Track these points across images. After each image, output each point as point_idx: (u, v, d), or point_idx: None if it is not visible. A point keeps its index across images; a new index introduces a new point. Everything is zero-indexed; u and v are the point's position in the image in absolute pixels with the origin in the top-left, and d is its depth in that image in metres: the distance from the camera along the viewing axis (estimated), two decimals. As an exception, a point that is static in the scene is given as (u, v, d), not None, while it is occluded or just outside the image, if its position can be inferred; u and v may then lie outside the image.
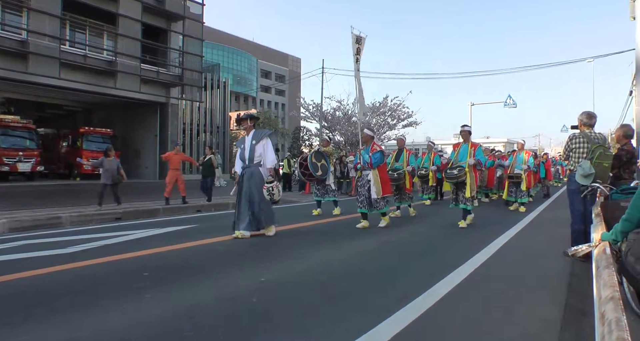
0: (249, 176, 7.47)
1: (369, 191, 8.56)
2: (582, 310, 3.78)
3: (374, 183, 8.51)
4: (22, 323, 3.39)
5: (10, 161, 20.26)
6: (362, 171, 8.90)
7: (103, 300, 3.97)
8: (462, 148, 9.11)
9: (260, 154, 7.53)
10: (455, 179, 8.76)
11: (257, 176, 7.45)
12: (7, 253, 6.05)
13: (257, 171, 7.49)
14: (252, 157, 7.51)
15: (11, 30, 18.15)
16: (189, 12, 24.11)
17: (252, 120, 7.89)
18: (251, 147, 7.54)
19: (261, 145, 7.55)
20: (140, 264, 5.44)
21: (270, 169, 7.60)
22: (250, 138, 7.61)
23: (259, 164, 7.54)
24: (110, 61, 20.82)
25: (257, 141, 7.55)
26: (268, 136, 7.70)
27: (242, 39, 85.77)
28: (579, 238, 5.82)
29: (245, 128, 7.83)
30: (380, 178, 8.60)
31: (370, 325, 3.35)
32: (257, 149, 7.51)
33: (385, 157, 9.14)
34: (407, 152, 11.05)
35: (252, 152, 7.52)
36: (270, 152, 7.63)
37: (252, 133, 7.68)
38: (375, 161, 8.57)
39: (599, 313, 1.47)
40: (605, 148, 5.75)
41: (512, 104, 33.89)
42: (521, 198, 12.48)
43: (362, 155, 8.85)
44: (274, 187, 7.31)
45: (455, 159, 9.11)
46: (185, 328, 3.29)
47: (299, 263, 5.66)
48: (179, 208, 11.54)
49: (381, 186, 8.56)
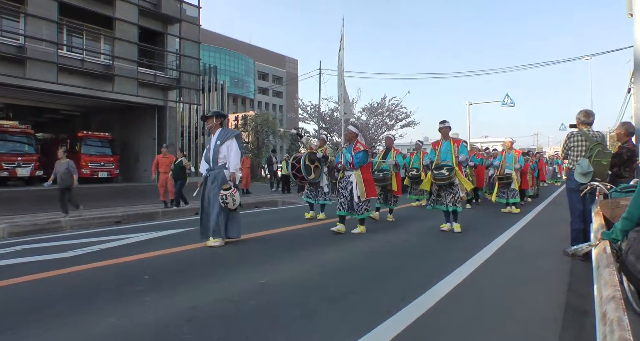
0: (212, 179, 6.96)
1: (351, 193, 8.02)
2: (583, 309, 3.78)
3: (356, 184, 7.97)
4: (22, 327, 3.38)
5: (10, 166, 20.24)
6: (344, 171, 8.33)
7: (103, 304, 3.96)
8: (444, 146, 8.43)
9: (224, 156, 7.01)
10: (447, 180, 8.00)
11: (221, 180, 6.92)
12: (8, 257, 6.05)
13: (221, 174, 6.96)
14: (215, 158, 7.00)
15: (8, 35, 18.13)
16: (185, 15, 24.12)
17: (219, 118, 7.27)
18: (215, 148, 7.00)
19: (225, 146, 7.00)
20: (140, 267, 5.43)
21: (232, 174, 6.98)
22: (216, 138, 7.06)
23: (224, 167, 7.02)
24: (108, 65, 20.81)
25: (221, 141, 7.00)
26: (234, 137, 7.12)
27: (239, 41, 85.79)
28: (578, 237, 5.83)
29: (211, 127, 7.23)
30: (364, 180, 8.04)
31: (371, 326, 3.35)
32: (221, 151, 6.99)
33: (369, 157, 8.53)
34: (394, 152, 10.26)
35: (216, 153, 6.99)
36: (235, 155, 7.03)
37: (217, 133, 7.12)
38: (358, 161, 7.98)
39: (600, 312, 1.47)
40: (604, 146, 5.76)
41: (510, 103, 33.84)
42: (513, 198, 11.75)
43: (344, 154, 8.28)
44: (228, 195, 6.68)
45: (437, 158, 8.41)
46: (185, 331, 3.29)
47: (298, 264, 5.66)
48: (178, 210, 11.53)
49: (365, 188, 8.00)
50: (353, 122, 9.96)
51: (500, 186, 11.99)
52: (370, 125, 29.79)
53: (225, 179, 6.90)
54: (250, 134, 49.99)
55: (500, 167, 12.07)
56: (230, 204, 6.71)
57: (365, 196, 7.96)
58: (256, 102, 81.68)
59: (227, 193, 6.67)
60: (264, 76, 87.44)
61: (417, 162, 13.47)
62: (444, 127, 8.51)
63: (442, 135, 8.54)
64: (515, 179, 11.75)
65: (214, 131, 7.17)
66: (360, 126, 29.48)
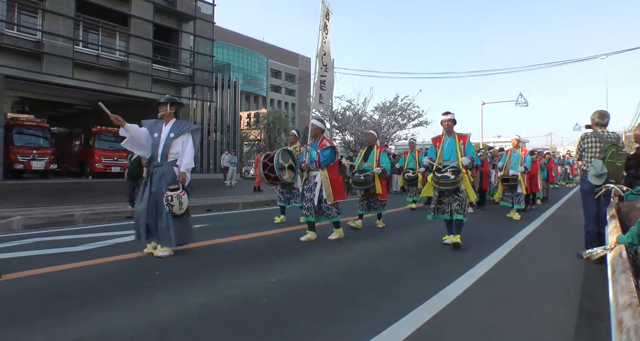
0: (159, 175, 5.99)
1: (318, 195, 7.20)
2: (597, 314, 3.73)
3: (323, 186, 7.15)
4: (35, 320, 3.41)
5: (25, 159, 20.51)
6: (309, 171, 7.43)
7: (115, 299, 3.99)
8: (447, 143, 7.03)
9: (177, 152, 6.08)
10: (453, 185, 6.65)
11: (170, 178, 5.98)
12: (21, 250, 6.10)
13: (171, 171, 6.03)
14: (166, 153, 6.02)
15: (26, 31, 18.34)
16: (199, 12, 24.22)
17: (174, 106, 6.31)
18: (167, 141, 6.04)
19: (180, 141, 6.09)
20: (152, 263, 5.47)
21: (183, 174, 6.06)
22: (169, 129, 6.09)
23: (174, 164, 6.09)
24: (123, 61, 20.98)
25: (176, 134, 6.07)
26: (191, 132, 6.20)
27: (253, 38, 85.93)
28: (592, 240, 5.77)
29: (164, 115, 6.23)
30: (330, 180, 7.18)
31: (382, 327, 3.34)
32: (174, 145, 6.05)
33: (337, 155, 7.53)
34: (377, 150, 8.88)
35: (168, 147, 6.03)
36: (189, 153, 6.12)
37: (171, 123, 6.15)
38: (325, 159, 7.11)
39: (616, 319, 1.45)
40: (619, 147, 5.69)
41: (524, 103, 33.60)
42: (518, 203, 10.66)
43: (309, 152, 7.40)
44: (174, 197, 5.74)
45: (439, 157, 7.05)
46: (196, 328, 3.30)
47: (309, 263, 5.66)
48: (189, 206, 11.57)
49: (332, 190, 7.16)
50: (318, 116, 8.50)
51: (505, 189, 11.04)
52: (382, 124, 29.70)
53: (175, 178, 6.00)
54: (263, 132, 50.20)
55: (505, 168, 10.97)
56: (176, 207, 5.79)
57: (333, 199, 7.16)
58: (269, 100, 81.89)
59: (173, 194, 5.75)
60: (277, 73, 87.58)
61: (413, 162, 12.64)
62: (446, 119, 7.05)
63: (445, 129, 7.12)
64: (521, 181, 10.67)
65: (167, 121, 6.20)
66: (373, 125, 29.45)
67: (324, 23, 8.71)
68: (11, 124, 20.69)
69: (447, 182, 6.65)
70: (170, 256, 5.79)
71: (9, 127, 20.20)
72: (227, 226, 8.69)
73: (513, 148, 11.12)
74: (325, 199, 7.14)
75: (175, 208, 5.77)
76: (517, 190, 10.70)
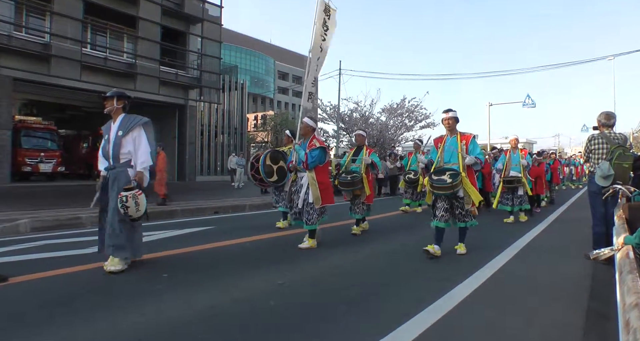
0: (112, 180, 5.29)
1: (302, 198, 6.78)
2: (605, 315, 3.71)
3: (310, 189, 6.68)
4: (43, 322, 3.44)
5: (32, 161, 20.62)
6: (297, 172, 7.01)
7: (122, 301, 4.01)
8: (449, 143, 6.44)
9: (129, 151, 5.34)
10: (449, 189, 6.02)
11: (124, 182, 5.24)
12: (29, 252, 6.14)
13: (124, 174, 5.30)
14: (117, 154, 5.30)
15: (34, 33, 18.46)
16: (207, 14, 24.27)
17: (121, 100, 5.53)
18: (116, 140, 5.29)
19: (130, 138, 5.34)
20: (159, 265, 5.48)
21: (139, 173, 5.33)
22: (117, 127, 5.36)
23: (128, 165, 5.35)
24: (130, 64, 21.06)
25: (125, 131, 5.30)
26: (141, 126, 5.45)
27: (260, 40, 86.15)
28: (600, 240, 5.76)
29: (111, 111, 5.50)
30: (318, 183, 6.70)
31: (389, 328, 3.34)
32: (124, 144, 5.31)
33: (327, 156, 6.99)
34: (367, 151, 8.42)
35: (118, 147, 5.29)
36: (144, 150, 5.36)
37: (119, 120, 5.41)
38: (313, 160, 6.64)
39: (623, 320, 1.44)
40: (626, 149, 5.69)
41: (531, 104, 33.45)
42: (520, 205, 10.11)
43: (297, 151, 6.90)
44: (129, 197, 5.00)
45: (440, 159, 6.47)
46: (203, 330, 3.31)
47: (316, 265, 5.66)
48: (197, 208, 11.60)
49: (320, 193, 6.68)
50: (311, 115, 7.59)
51: (505, 191, 10.34)
52: (389, 126, 29.71)
53: (129, 180, 5.27)
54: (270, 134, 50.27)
55: (505, 169, 10.38)
56: (132, 209, 5.02)
57: (321, 203, 6.68)
58: (276, 101, 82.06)
59: (128, 194, 5.02)
60: (284, 75, 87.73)
61: (416, 163, 12.00)
62: (447, 117, 6.45)
63: (446, 128, 6.55)
64: (525, 183, 10.09)
65: (115, 118, 5.47)
66: (380, 126, 29.45)
67: (323, 19, 8.37)
68: (19, 127, 20.81)
69: (444, 186, 6.02)
70: (123, 270, 5.08)
71: (17, 130, 20.31)
72: (234, 228, 8.70)
73: (512, 148, 10.62)
74: (310, 203, 6.68)
75: (131, 210, 5.02)
76: (519, 192, 10.13)
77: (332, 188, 7.09)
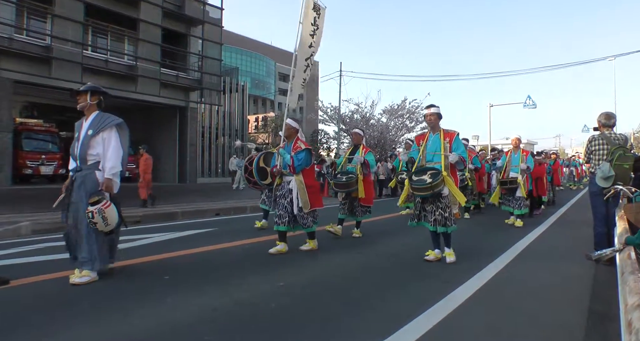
0: (78, 184, 4.79)
1: (292, 203, 6.47)
2: (607, 316, 3.70)
3: (298, 192, 6.42)
4: (44, 325, 3.44)
5: (34, 164, 20.60)
6: (282, 176, 6.72)
7: (124, 303, 4.01)
8: (432, 141, 6.07)
9: (97, 153, 4.83)
10: (428, 190, 5.65)
11: (90, 186, 4.75)
12: (30, 255, 6.15)
13: (91, 177, 4.80)
14: (84, 155, 4.79)
15: (35, 35, 18.49)
16: (208, 16, 24.30)
17: (96, 95, 5.04)
18: (85, 139, 4.81)
19: (100, 139, 4.83)
20: (160, 267, 5.48)
21: (107, 180, 4.79)
22: (88, 125, 4.89)
23: (96, 168, 4.84)
24: (131, 66, 21.08)
25: (95, 130, 4.82)
26: (114, 126, 4.96)
27: (261, 42, 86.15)
28: (602, 241, 5.76)
29: (84, 108, 5.01)
30: (306, 186, 6.45)
31: (392, 330, 3.34)
32: (93, 145, 4.81)
33: (313, 157, 6.74)
34: (363, 150, 8.11)
35: (86, 147, 4.79)
36: (114, 153, 4.85)
37: (92, 118, 4.94)
38: (299, 163, 6.38)
39: (626, 321, 1.44)
40: (626, 149, 5.69)
41: (532, 105, 33.46)
42: (519, 209, 9.75)
43: (282, 155, 6.59)
44: (95, 212, 4.51)
45: (422, 157, 6.11)
46: (205, 333, 3.31)
47: (318, 267, 5.66)
48: (198, 210, 11.61)
49: (309, 197, 6.45)
50: (293, 116, 7.15)
51: (504, 193, 10.11)
52: (390, 127, 29.72)
53: (97, 186, 4.77)
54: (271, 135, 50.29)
55: (504, 170, 10.09)
56: (100, 224, 4.58)
57: (310, 207, 6.46)
58: (277, 103, 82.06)
59: (94, 210, 4.51)
60: (285, 77, 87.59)
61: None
62: (429, 113, 6.10)
63: (429, 125, 6.27)
64: (521, 184, 9.73)
65: (88, 115, 5.00)
66: (381, 128, 29.46)
67: (313, 18, 8.17)
68: (20, 129, 20.79)
69: (423, 186, 5.65)
70: (91, 281, 4.65)
71: (18, 132, 20.28)
72: (236, 230, 8.70)
73: (513, 149, 10.21)
74: (301, 207, 6.42)
75: (100, 225, 4.58)
76: (517, 194, 9.78)
77: (319, 191, 6.88)
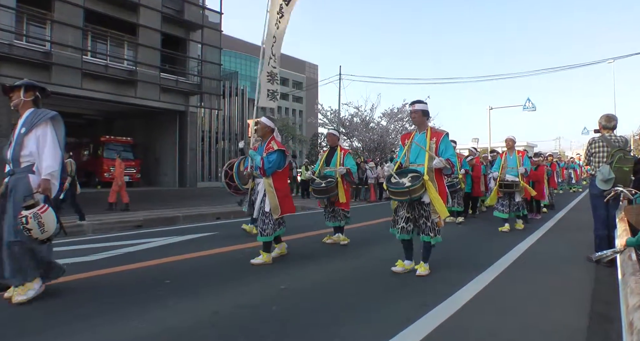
0: (10, 189, 4.24)
1: (258, 208, 6.04)
2: (608, 317, 3.70)
3: (267, 196, 5.91)
4: (46, 330, 3.44)
5: (34, 169, 20.59)
6: (254, 179, 6.30)
7: (125, 308, 4.01)
8: (417, 140, 5.50)
9: (30, 153, 4.26)
10: (406, 195, 5.05)
11: (22, 191, 4.18)
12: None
13: (23, 181, 4.22)
14: (16, 156, 4.25)
15: (35, 41, 18.52)
16: (207, 21, 24.34)
17: (30, 91, 4.53)
18: (18, 139, 4.28)
19: (34, 137, 4.27)
20: (162, 271, 5.48)
21: (43, 181, 4.18)
22: (21, 124, 4.35)
23: (29, 170, 4.26)
24: (131, 71, 21.10)
25: (28, 128, 4.27)
26: (49, 120, 4.41)
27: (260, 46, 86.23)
28: (602, 243, 5.76)
29: (17, 105, 4.46)
30: (276, 190, 5.92)
31: (392, 333, 3.34)
32: (26, 144, 4.26)
33: (286, 159, 6.15)
34: (342, 153, 7.61)
35: (19, 147, 4.25)
36: (50, 151, 4.26)
37: (25, 115, 4.39)
38: (270, 166, 5.87)
39: (627, 322, 1.45)
40: (626, 152, 5.70)
41: (532, 108, 33.49)
42: (517, 211, 9.36)
43: (253, 157, 6.14)
44: (29, 218, 3.91)
45: (406, 158, 5.55)
46: (207, 336, 3.31)
47: (318, 270, 5.66)
48: (198, 215, 11.61)
49: (279, 201, 5.91)
50: (269, 115, 7.10)
51: (500, 197, 9.36)
52: (390, 130, 29.72)
53: (29, 190, 4.19)
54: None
55: (500, 173, 9.48)
56: (35, 231, 3.96)
57: (280, 212, 5.93)
58: (276, 107, 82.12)
59: (28, 214, 3.92)
60: (284, 81, 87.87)
61: None
62: (414, 110, 5.54)
63: (415, 123, 5.70)
64: (522, 188, 9.26)
65: (22, 113, 4.44)
66: (380, 131, 29.47)
67: (279, 6, 7.92)
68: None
69: (400, 190, 5.08)
70: (30, 298, 4.14)
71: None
72: (236, 234, 8.69)
73: (508, 150, 9.66)
74: (267, 212, 5.92)
75: (35, 232, 3.96)
76: (515, 199, 9.33)
77: (290, 196, 6.34)
